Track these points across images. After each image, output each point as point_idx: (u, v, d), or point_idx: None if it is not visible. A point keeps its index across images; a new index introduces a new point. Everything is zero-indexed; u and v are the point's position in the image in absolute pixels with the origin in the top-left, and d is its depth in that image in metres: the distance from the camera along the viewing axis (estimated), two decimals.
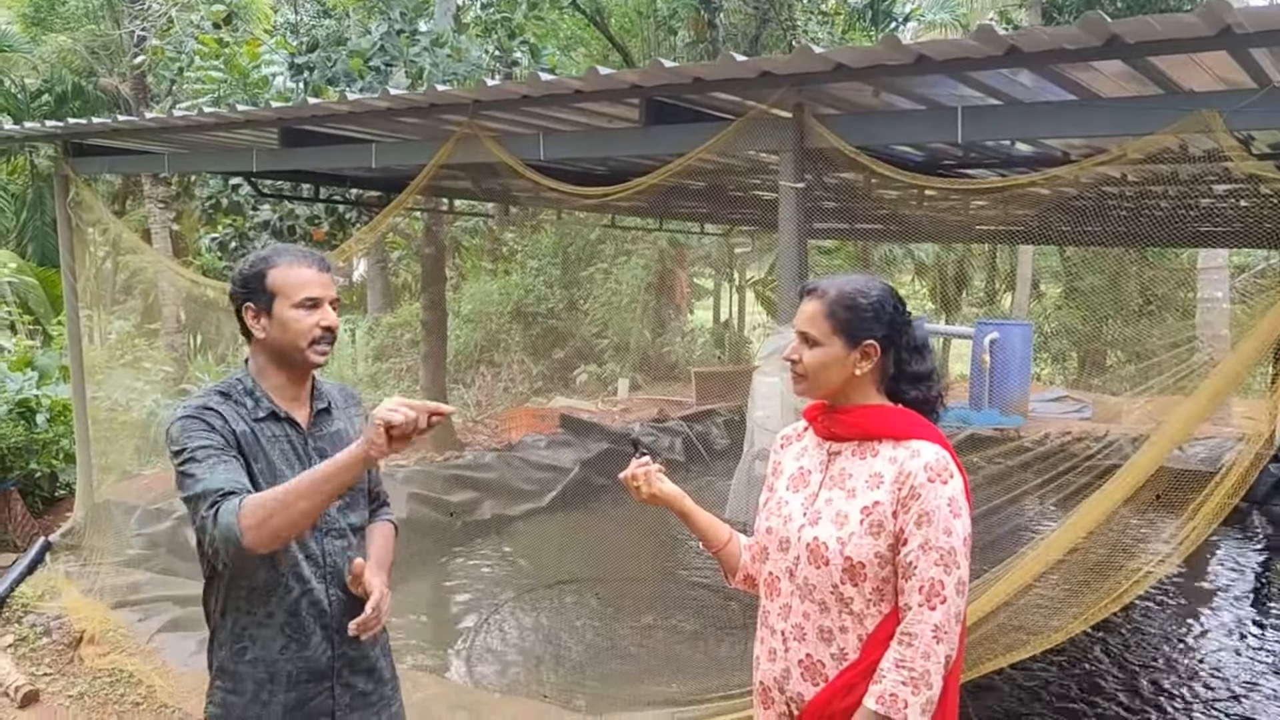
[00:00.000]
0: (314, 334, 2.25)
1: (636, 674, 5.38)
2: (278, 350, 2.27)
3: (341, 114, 4.95)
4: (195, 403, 2.22)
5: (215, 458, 2.10)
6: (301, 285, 2.24)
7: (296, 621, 2.25)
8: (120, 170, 8.47)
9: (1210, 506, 3.02)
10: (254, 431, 2.22)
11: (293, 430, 2.29)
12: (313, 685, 2.28)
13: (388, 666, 2.47)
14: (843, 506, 2.09)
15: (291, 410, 2.31)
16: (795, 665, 2.13)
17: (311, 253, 2.34)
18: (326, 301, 2.28)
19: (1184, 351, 10.29)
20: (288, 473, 2.22)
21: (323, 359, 2.29)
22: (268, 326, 2.25)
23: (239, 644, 2.25)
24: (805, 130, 3.77)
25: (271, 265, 2.26)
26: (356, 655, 2.35)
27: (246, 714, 2.25)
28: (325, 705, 2.30)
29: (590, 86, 4.04)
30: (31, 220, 18.02)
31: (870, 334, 2.10)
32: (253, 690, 2.24)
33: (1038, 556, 3.26)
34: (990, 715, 4.84)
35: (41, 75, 18.38)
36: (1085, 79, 3.60)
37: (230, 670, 2.26)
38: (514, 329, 16.92)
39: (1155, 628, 6.47)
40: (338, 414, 2.41)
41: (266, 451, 2.22)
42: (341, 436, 2.37)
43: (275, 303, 2.24)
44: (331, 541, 2.31)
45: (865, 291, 2.12)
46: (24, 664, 5.21)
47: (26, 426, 7.66)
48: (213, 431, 2.15)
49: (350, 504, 2.37)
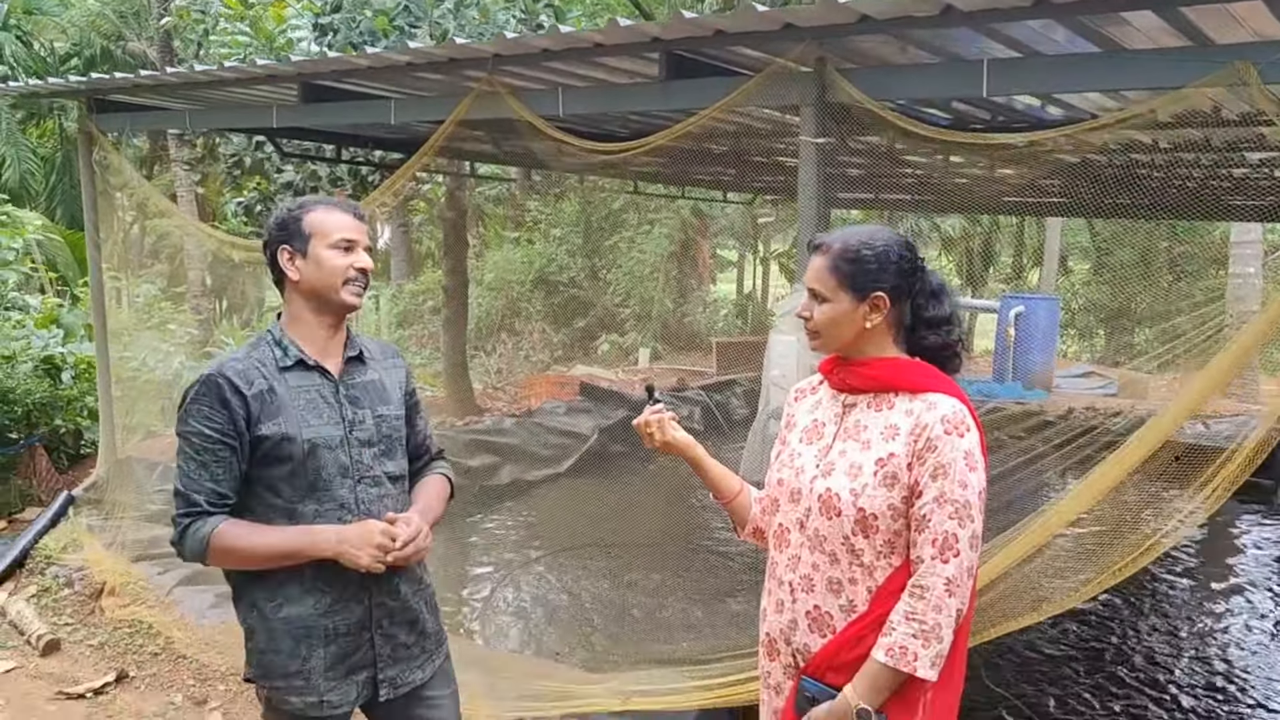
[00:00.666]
0: (349, 274, 2.27)
1: (648, 634, 5.40)
2: (312, 291, 2.28)
3: (361, 69, 4.92)
4: (216, 365, 2.23)
5: (208, 454, 2.16)
6: (338, 227, 2.28)
7: (328, 578, 2.22)
8: (142, 126, 8.50)
9: (1223, 479, 2.96)
10: (274, 386, 2.21)
11: (324, 378, 2.29)
12: (351, 639, 2.26)
13: (432, 621, 2.45)
14: (857, 458, 2.06)
15: (323, 359, 2.30)
16: (803, 617, 2.11)
17: (347, 201, 2.39)
18: (361, 246, 2.31)
19: (1212, 328, 10.12)
20: (315, 422, 2.22)
21: (356, 300, 2.30)
22: (303, 268, 2.27)
23: (272, 602, 2.23)
24: (827, 84, 3.70)
25: (309, 210, 2.30)
26: (396, 606, 2.33)
27: (288, 670, 2.23)
28: (367, 657, 2.29)
29: (610, 40, 3.99)
30: (61, 183, 18.19)
31: (877, 285, 2.06)
32: (289, 647, 2.22)
33: (1044, 525, 3.22)
34: (1001, 680, 4.82)
35: (70, 39, 18.47)
36: (1116, 32, 3.50)
37: (265, 630, 2.24)
38: (536, 297, 16.94)
39: (1176, 601, 6.41)
40: (373, 364, 2.40)
41: (288, 403, 2.21)
42: (376, 387, 2.37)
43: (311, 243, 2.26)
44: (366, 490, 2.29)
45: (869, 243, 2.07)
46: (46, 614, 5.29)
47: (51, 383, 7.75)
48: (221, 415, 2.16)
49: (386, 451, 2.35)
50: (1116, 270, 16.96)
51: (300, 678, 2.24)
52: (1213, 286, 15.15)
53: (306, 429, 2.21)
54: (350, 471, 2.26)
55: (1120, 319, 17.28)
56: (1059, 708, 4.70)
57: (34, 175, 18.24)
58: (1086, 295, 18.11)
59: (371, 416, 2.33)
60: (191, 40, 13.10)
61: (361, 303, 2.34)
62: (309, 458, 2.20)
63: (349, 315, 2.36)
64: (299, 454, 2.19)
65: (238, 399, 2.17)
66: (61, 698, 4.45)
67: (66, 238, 14.48)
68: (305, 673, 2.23)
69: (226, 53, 10.36)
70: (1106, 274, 17.62)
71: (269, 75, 5.20)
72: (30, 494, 7.01)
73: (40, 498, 6.97)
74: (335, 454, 2.24)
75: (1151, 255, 16.30)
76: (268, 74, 5.17)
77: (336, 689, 2.26)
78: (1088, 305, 17.95)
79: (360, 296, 2.31)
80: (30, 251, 12.28)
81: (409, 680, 2.37)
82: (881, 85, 3.79)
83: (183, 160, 16.08)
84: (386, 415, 2.36)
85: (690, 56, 4.09)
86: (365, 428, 2.31)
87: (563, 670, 4.57)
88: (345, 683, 2.27)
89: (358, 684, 2.29)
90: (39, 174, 18.42)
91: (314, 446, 2.21)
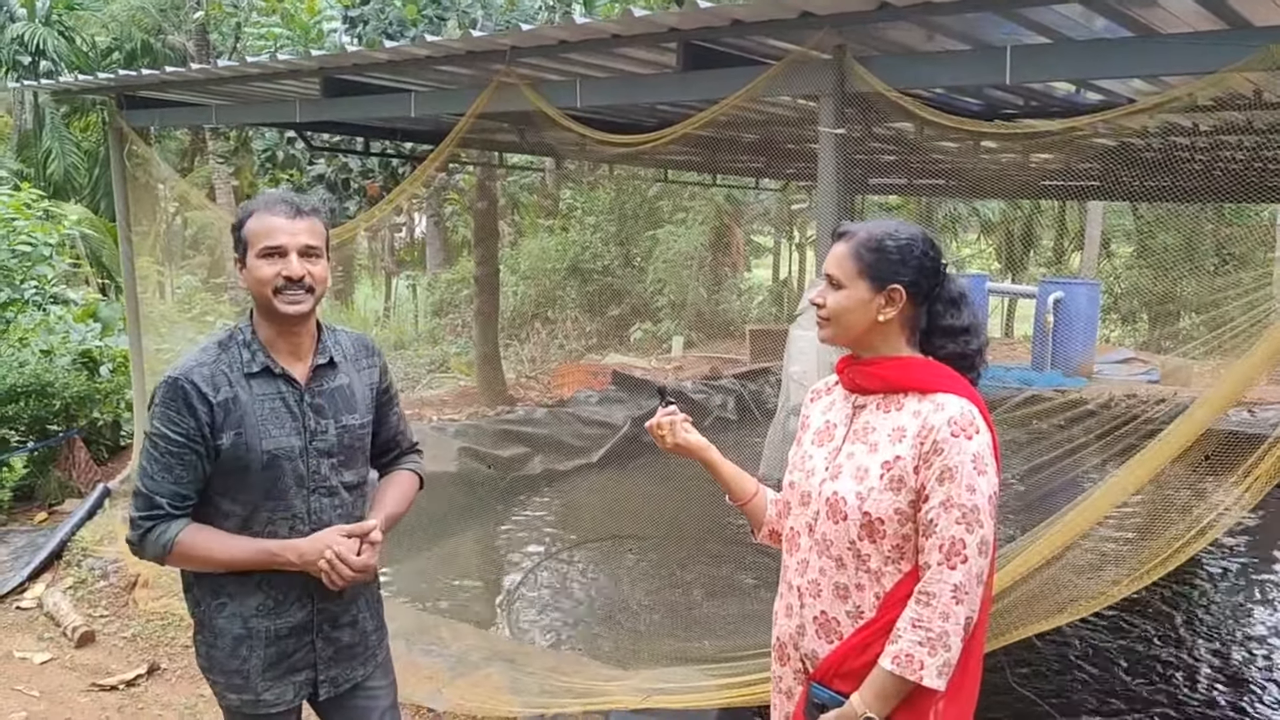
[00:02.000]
0: (275, 283, 2.15)
1: (672, 631, 5.37)
2: (255, 301, 2.23)
3: (382, 63, 4.91)
4: (185, 366, 2.17)
5: (172, 457, 2.12)
6: (265, 233, 2.16)
7: (273, 579, 2.22)
8: (170, 123, 8.58)
9: (1267, 468, 2.87)
10: (238, 394, 2.17)
11: (288, 387, 2.23)
12: (292, 640, 2.27)
13: (372, 618, 2.43)
14: (864, 461, 2.01)
15: (289, 365, 2.25)
16: (810, 622, 2.07)
17: (291, 199, 2.23)
18: (293, 250, 2.17)
19: (1260, 313, 9.85)
20: (276, 432, 2.19)
21: (292, 309, 2.18)
22: (245, 276, 2.21)
23: (217, 599, 2.23)
24: (846, 73, 3.62)
25: (249, 213, 2.21)
26: (339, 610, 2.32)
27: (228, 667, 2.25)
28: (306, 659, 2.29)
29: (627, 30, 3.94)
30: (104, 176, 18.46)
31: (896, 278, 2.01)
32: (231, 645, 2.23)
33: (1081, 516, 3.14)
34: (1023, 681, 4.72)
35: (111, 33, 18.76)
36: (1148, 16, 3.39)
37: (209, 624, 2.25)
38: (569, 285, 16.94)
39: (1225, 598, 6.26)
40: (344, 367, 2.34)
41: (250, 414, 2.16)
42: (344, 394, 2.31)
43: (248, 252, 2.19)
44: (319, 499, 2.26)
45: (894, 234, 2.03)
46: (82, 605, 5.39)
47: (90, 376, 7.88)
48: (184, 416, 2.12)
49: (345, 461, 2.31)
50: (1160, 254, 16.59)
51: (239, 676, 2.25)
52: (1262, 270, 14.78)
53: (266, 439, 2.17)
54: (306, 481, 2.24)
55: (1164, 304, 16.92)
56: (1093, 712, 4.60)
57: (78, 169, 18.58)
58: (1129, 279, 17.74)
59: (335, 427, 2.28)
60: (227, 34, 13.26)
61: (303, 310, 2.20)
62: (266, 468, 2.17)
63: (310, 317, 2.26)
64: (256, 464, 2.16)
65: (203, 405, 2.13)
66: (95, 689, 4.53)
67: (110, 230, 14.70)
68: (244, 672, 2.24)
69: (261, 45, 10.47)
70: (1150, 258, 17.26)
71: (291, 70, 5.21)
72: (69, 486, 7.13)
73: (79, 490, 7.09)
74: (294, 464, 2.21)
75: (1197, 239, 15.92)
76: (290, 69, 5.18)
77: (272, 689, 2.26)
78: (1131, 290, 17.59)
79: (296, 305, 2.18)
80: (74, 245, 12.50)
81: (350, 678, 2.38)
82: (902, 73, 3.70)
83: (218, 153, 16.28)
84: (350, 425, 2.32)
85: (708, 46, 4.04)
86: (327, 438, 2.27)
87: (585, 665, 4.56)
88: (282, 683, 2.27)
89: (295, 685, 2.29)
90: (83, 167, 18.76)
91: (273, 457, 2.18)
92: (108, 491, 6.77)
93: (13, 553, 6.11)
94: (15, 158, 17.91)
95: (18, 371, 7.22)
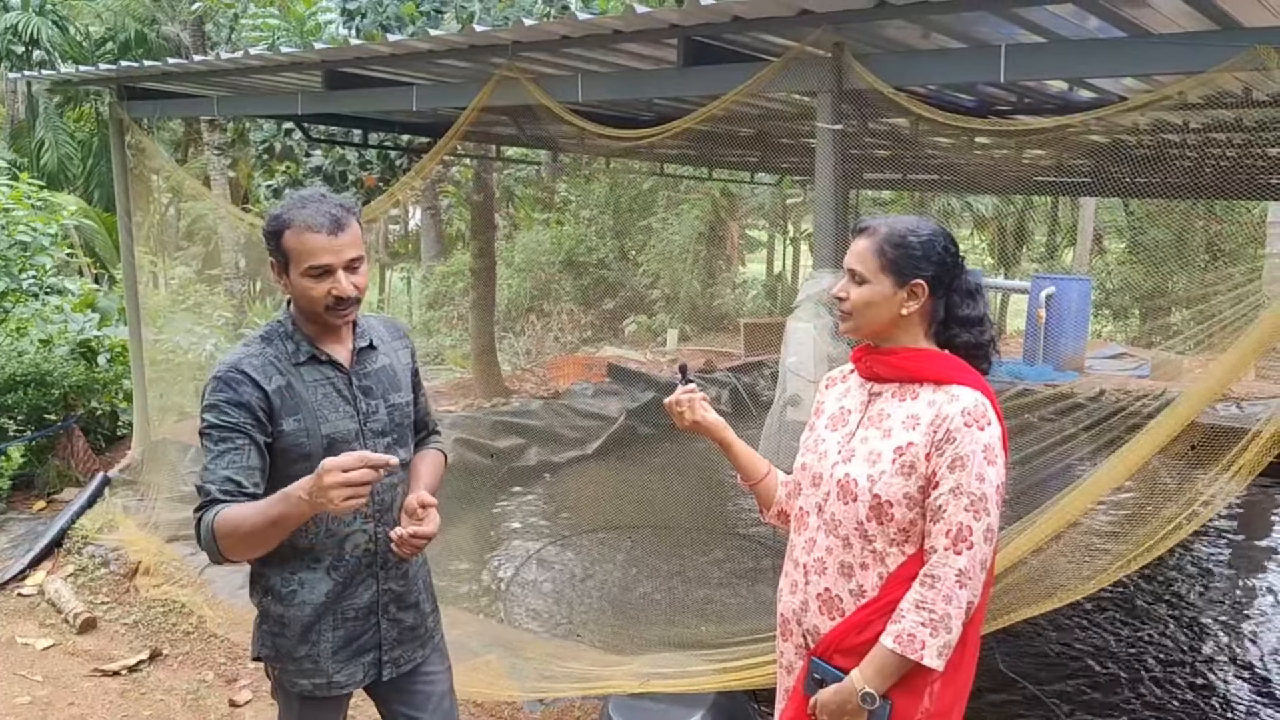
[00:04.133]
0: (326, 301, 2.19)
1: (668, 617, 5.44)
2: (300, 307, 2.26)
3: (384, 56, 4.95)
4: (233, 359, 2.21)
5: (226, 443, 2.11)
6: (309, 254, 2.15)
7: (343, 564, 2.28)
8: (171, 114, 8.60)
9: (1248, 460, 2.95)
10: (291, 382, 2.22)
11: (336, 372, 2.29)
12: (359, 622, 2.32)
13: (429, 600, 2.51)
14: (877, 445, 2.08)
15: (333, 351, 2.30)
16: (814, 599, 2.14)
17: (327, 211, 2.18)
18: (340, 266, 2.17)
19: (1248, 308, 9.93)
20: (332, 416, 2.23)
21: (343, 321, 2.25)
22: (288, 286, 2.23)
23: (287, 588, 2.27)
24: (844, 70, 3.68)
25: (287, 225, 2.17)
26: (402, 591, 2.38)
27: (297, 653, 2.29)
28: (373, 640, 2.35)
29: (628, 26, 3.99)
30: (98, 167, 18.45)
31: (918, 273, 2.07)
32: (300, 632, 2.27)
33: (1067, 507, 3.21)
34: (1019, 669, 4.80)
35: (105, 23, 18.71)
36: (1139, 16, 3.45)
37: (278, 614, 2.29)
38: (565, 278, 16.98)
39: (1210, 585, 6.36)
40: (383, 348, 2.41)
41: (306, 399, 2.22)
42: (387, 374, 2.38)
43: (290, 266, 2.19)
44: (381, 480, 2.31)
45: (916, 230, 2.10)
46: (83, 592, 5.42)
47: (88, 366, 7.90)
48: (237, 407, 2.13)
49: (399, 439, 2.37)
50: (1151, 250, 16.68)
51: (310, 660, 2.30)
52: (1252, 266, 14.88)
53: (325, 424, 2.22)
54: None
55: (1155, 299, 17.03)
56: (1079, 696, 4.69)
57: (72, 159, 18.54)
58: (1121, 275, 17.84)
59: (384, 406, 2.34)
60: (223, 25, 13.24)
61: (353, 318, 2.28)
62: (328, 452, 2.17)
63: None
64: (318, 449, 2.19)
65: (258, 393, 2.16)
66: (97, 675, 4.57)
67: (104, 221, 14.70)
68: (314, 656, 2.29)
69: (257, 36, 10.45)
70: (1141, 253, 17.35)
71: (293, 62, 5.25)
72: (68, 475, 7.16)
73: (78, 479, 7.12)
74: (352, 447, 2.23)
75: (1188, 234, 16.02)
76: (292, 61, 5.21)
77: (343, 670, 2.32)
78: (1122, 285, 17.68)
79: (346, 317, 2.25)
80: (68, 235, 12.50)
81: (412, 659, 2.44)
82: (899, 70, 3.76)
83: (214, 144, 16.25)
84: (399, 404, 2.39)
85: (709, 42, 4.09)
86: (379, 418, 2.33)
87: (583, 651, 4.62)
88: (352, 664, 2.33)
89: (364, 665, 2.35)
90: (76, 157, 18.72)
91: (332, 441, 2.22)
92: (107, 480, 6.81)
93: (12, 541, 6.15)
94: (9, 148, 17.85)
95: (16, 361, 7.25)
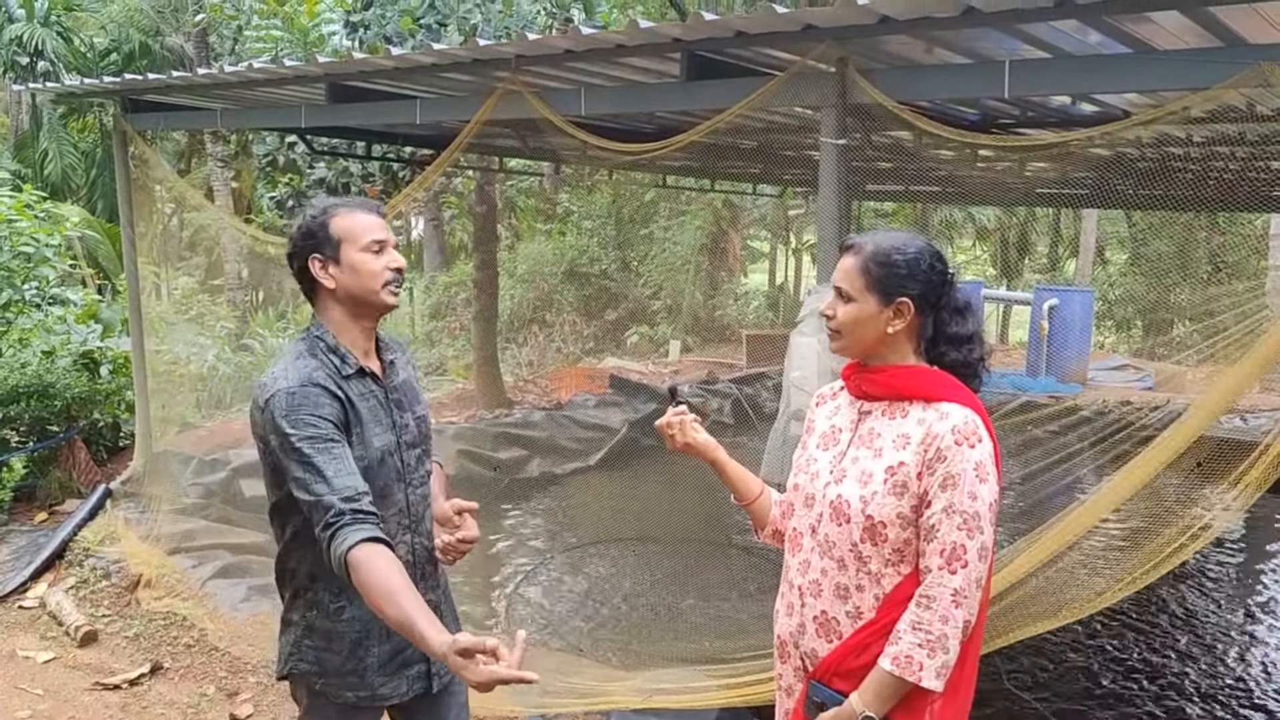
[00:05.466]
0: (385, 275, 2.25)
1: (672, 631, 5.42)
2: (351, 297, 2.25)
3: (388, 70, 4.96)
4: (301, 375, 2.14)
5: (325, 453, 2.05)
6: (366, 229, 2.24)
7: None
8: (175, 126, 8.63)
9: (1255, 476, 2.94)
10: (350, 395, 2.20)
11: (376, 385, 2.29)
12: (402, 636, 2.27)
13: (450, 613, 2.53)
14: (868, 465, 2.07)
15: (368, 364, 2.30)
16: (810, 621, 2.12)
17: (365, 200, 2.36)
18: (390, 245, 2.28)
19: (1253, 321, 9.92)
20: (378, 430, 2.24)
21: (395, 300, 2.29)
22: (337, 275, 2.23)
23: (336, 603, 2.25)
24: (848, 85, 3.68)
25: (333, 214, 2.25)
26: (438, 601, 2.39)
27: (344, 668, 2.28)
28: (418, 653, 2.30)
29: (632, 40, 4.00)
30: (101, 177, 18.49)
31: (904, 291, 2.06)
32: (349, 647, 2.26)
33: (1073, 523, 3.20)
34: (1023, 686, 4.78)
35: (110, 35, 18.77)
36: (1143, 32, 3.45)
37: (325, 630, 2.27)
38: (567, 289, 16.98)
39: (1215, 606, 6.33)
40: (400, 362, 2.43)
41: (360, 412, 2.21)
42: (409, 387, 2.40)
43: (343, 249, 2.22)
44: (414, 491, 2.33)
45: (901, 248, 2.08)
46: (84, 605, 5.41)
47: (90, 377, 7.90)
48: (323, 414, 2.10)
49: (426, 451, 2.40)
50: (1154, 261, 16.68)
51: (355, 675, 2.29)
52: (1255, 279, 14.87)
53: (375, 438, 2.23)
54: (403, 475, 2.30)
55: (1158, 311, 17.02)
56: (1083, 713, 4.66)
57: (75, 169, 18.59)
58: (1124, 286, 17.83)
59: (413, 419, 2.36)
60: (226, 36, 13.29)
61: (398, 302, 2.33)
62: (380, 465, 2.23)
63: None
64: (373, 464, 2.21)
65: (335, 403, 2.15)
66: (98, 688, 4.56)
67: (107, 231, 14.71)
68: (360, 671, 2.28)
69: (260, 48, 10.49)
70: (1144, 265, 17.35)
71: (297, 76, 5.26)
72: (70, 486, 7.15)
73: (79, 490, 7.11)
74: (393, 459, 2.27)
75: (1190, 246, 16.02)
76: (296, 74, 5.23)
77: (389, 683, 2.32)
78: (1125, 296, 17.68)
79: (398, 295, 2.30)
80: (71, 246, 12.52)
81: (450, 672, 2.39)
82: (903, 85, 3.77)
83: (217, 156, 16.30)
84: (423, 415, 2.41)
85: (712, 57, 4.09)
86: (410, 430, 2.34)
87: (586, 666, 4.60)
88: (397, 677, 2.33)
89: (408, 678, 2.34)
90: (80, 168, 18.77)
91: (381, 455, 2.24)
92: (109, 492, 6.79)
93: (14, 553, 6.13)
94: (13, 158, 17.91)
95: (19, 372, 7.25)
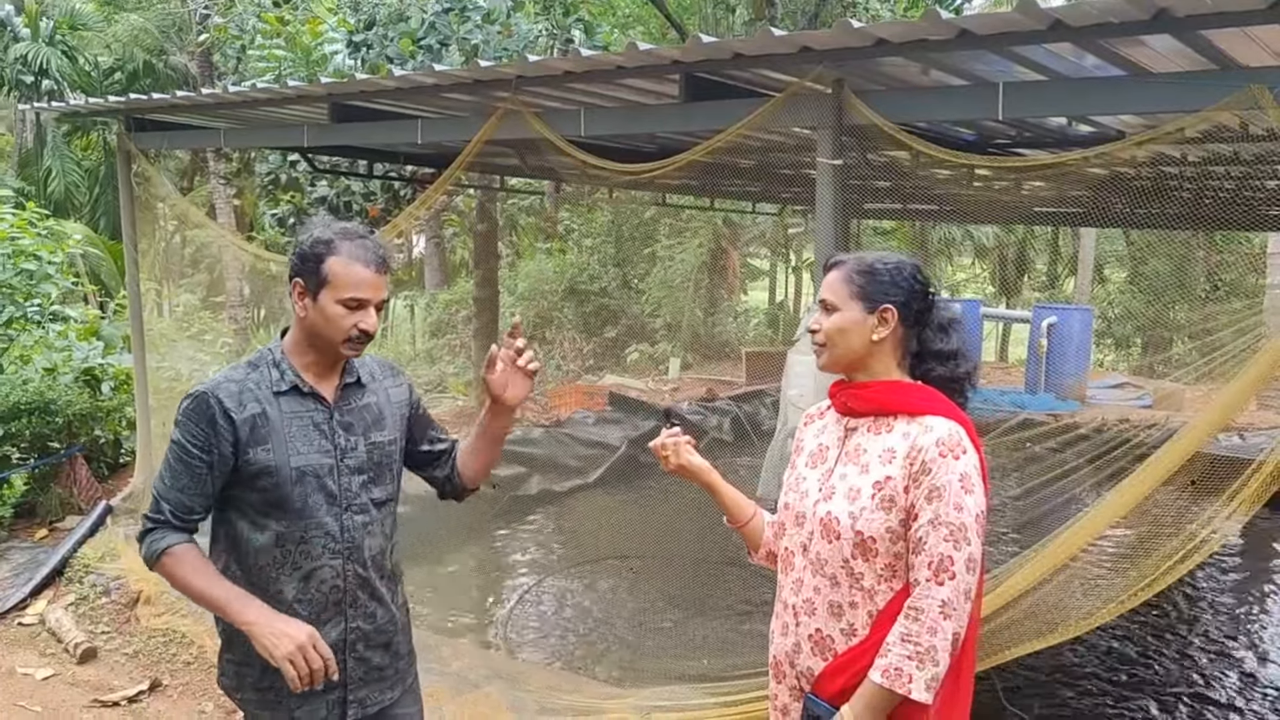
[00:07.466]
0: (350, 333, 2.23)
1: (671, 650, 5.41)
2: (312, 334, 2.27)
3: (390, 90, 5.01)
4: (211, 383, 2.24)
5: (183, 466, 2.20)
6: (352, 283, 2.21)
7: (307, 598, 2.26)
8: (179, 145, 8.69)
9: (1250, 492, 2.96)
10: (266, 410, 2.22)
11: (317, 405, 2.29)
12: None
13: (405, 643, 2.47)
14: (856, 481, 2.09)
15: (319, 385, 2.30)
16: (805, 640, 2.14)
17: (375, 248, 2.27)
18: (372, 305, 2.25)
19: (1251, 338, 9.95)
20: (305, 449, 2.24)
21: (353, 354, 2.30)
22: (309, 308, 2.23)
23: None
24: (844, 106, 3.73)
25: (332, 252, 2.21)
26: (371, 630, 2.35)
27: (260, 684, 2.27)
28: (338, 679, 2.28)
29: (631, 62, 4.04)
30: (104, 195, 18.58)
31: (887, 298, 2.11)
32: (262, 664, 2.20)
33: (1070, 539, 3.22)
34: (1018, 702, 4.78)
35: (114, 54, 18.88)
36: (1136, 55, 3.50)
37: (239, 642, 2.22)
38: (567, 307, 17.02)
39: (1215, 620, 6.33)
40: (373, 386, 2.40)
41: (279, 429, 2.23)
42: (372, 410, 2.37)
43: (324, 291, 2.21)
44: (351, 517, 2.30)
45: (883, 259, 2.17)
46: (84, 622, 5.42)
47: (92, 394, 7.93)
48: (203, 430, 2.19)
49: (375, 478, 2.36)
50: (1152, 280, 16.74)
51: (272, 693, 2.26)
52: (1253, 297, 14.92)
53: (295, 456, 2.23)
54: (338, 499, 2.28)
55: (1157, 329, 17.07)
56: None
57: (78, 187, 18.68)
58: (1122, 304, 17.88)
59: (364, 443, 2.34)
60: (230, 56, 13.38)
61: (358, 355, 2.33)
62: (296, 484, 2.22)
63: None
64: (287, 481, 2.22)
65: (226, 422, 2.19)
66: (97, 705, 4.57)
67: (109, 249, 14.77)
68: (276, 689, 2.24)
69: (264, 68, 10.57)
70: (1142, 283, 17.41)
71: (300, 95, 5.31)
72: (71, 502, 7.17)
73: (80, 506, 7.12)
74: (323, 481, 2.26)
75: (1188, 265, 16.08)
76: (298, 94, 5.28)
77: (303, 707, 2.28)
78: (1124, 315, 17.73)
79: (358, 353, 2.30)
80: (74, 263, 12.57)
81: (379, 700, 2.39)
82: (899, 107, 3.81)
83: (220, 174, 16.37)
84: (380, 442, 2.37)
85: (710, 78, 4.14)
86: (356, 455, 2.32)
87: (585, 684, 4.60)
88: (314, 701, 2.28)
89: (327, 703, 2.30)
90: (83, 186, 18.86)
91: (301, 474, 2.23)
92: (109, 509, 6.80)
93: (14, 569, 6.14)
94: (16, 176, 17.99)
95: (21, 389, 7.27)
